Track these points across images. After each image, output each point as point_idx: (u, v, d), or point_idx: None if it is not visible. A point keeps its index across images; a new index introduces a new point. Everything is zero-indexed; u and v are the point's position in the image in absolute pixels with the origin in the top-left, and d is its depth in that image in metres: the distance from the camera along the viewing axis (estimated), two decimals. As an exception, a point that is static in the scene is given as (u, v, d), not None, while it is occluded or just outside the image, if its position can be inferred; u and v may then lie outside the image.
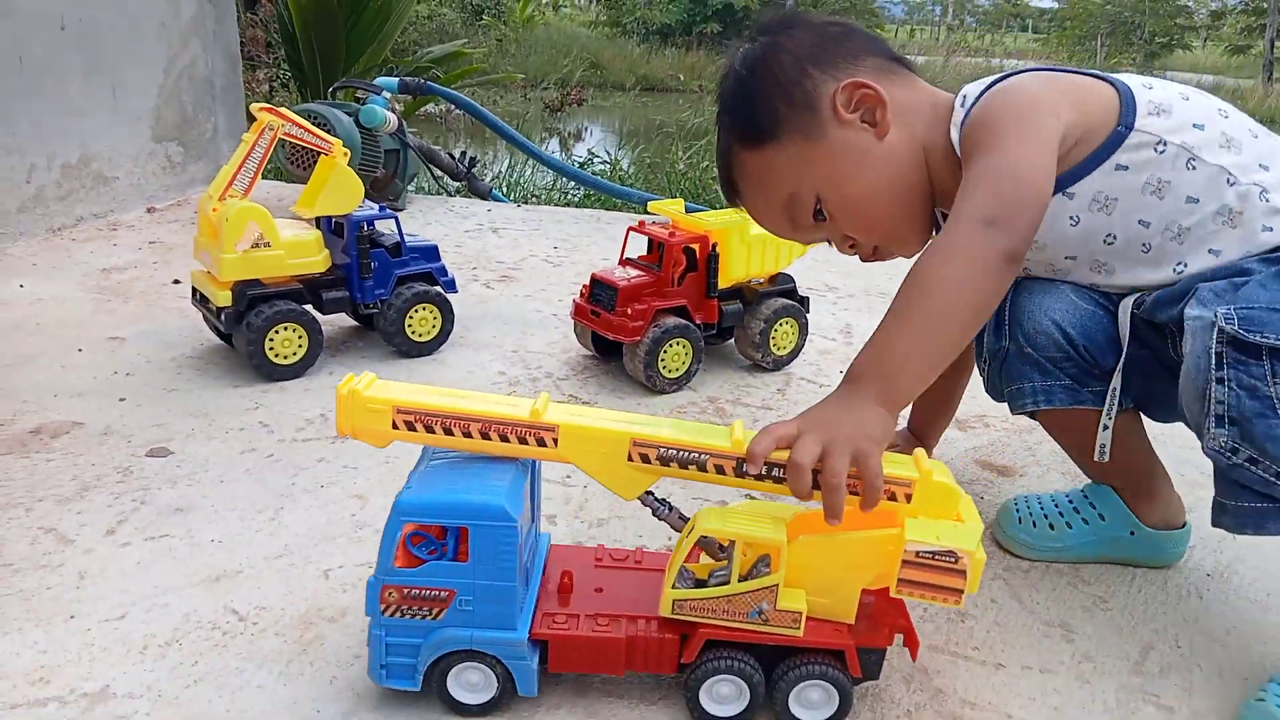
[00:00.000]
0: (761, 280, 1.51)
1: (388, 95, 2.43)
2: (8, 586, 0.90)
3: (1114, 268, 0.88)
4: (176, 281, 1.84)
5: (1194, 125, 0.83)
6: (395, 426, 0.73)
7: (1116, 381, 0.88)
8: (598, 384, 1.45)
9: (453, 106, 3.14)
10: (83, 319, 1.61)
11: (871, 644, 0.75)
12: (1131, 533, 0.99)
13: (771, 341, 1.48)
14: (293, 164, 2.29)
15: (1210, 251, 0.82)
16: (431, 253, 1.55)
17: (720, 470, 0.73)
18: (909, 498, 0.72)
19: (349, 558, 0.97)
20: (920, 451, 0.74)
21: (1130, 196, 0.83)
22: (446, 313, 1.53)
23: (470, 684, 0.74)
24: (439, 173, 2.72)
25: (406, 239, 1.51)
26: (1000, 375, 0.95)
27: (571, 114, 8.25)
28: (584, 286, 1.46)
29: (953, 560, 0.68)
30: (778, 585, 0.72)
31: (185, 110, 2.51)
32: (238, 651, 0.82)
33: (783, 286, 1.52)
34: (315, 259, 1.42)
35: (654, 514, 0.78)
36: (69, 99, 2.12)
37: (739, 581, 0.72)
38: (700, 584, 0.75)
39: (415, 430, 0.73)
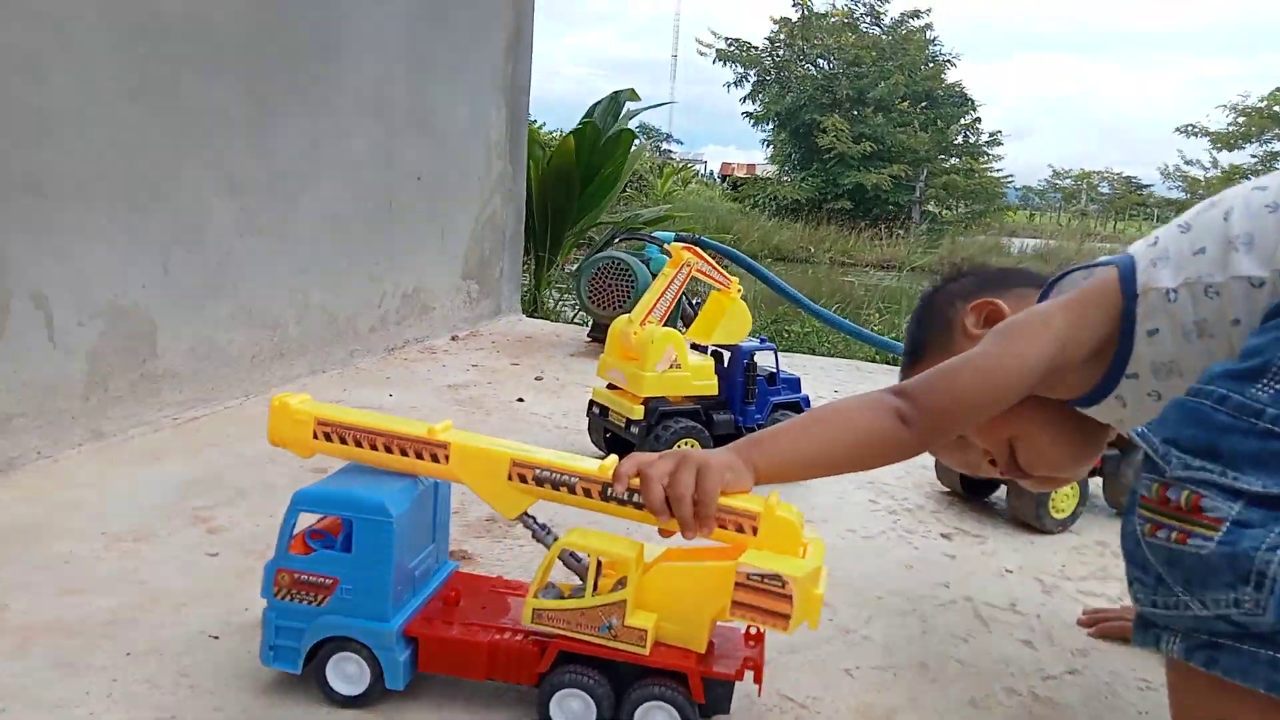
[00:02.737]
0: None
1: (664, 245, 2.63)
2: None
3: None
4: (521, 400, 1.99)
5: (1194, 254, 0.77)
6: (316, 437, 0.83)
7: None
8: (976, 519, 1.47)
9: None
10: (464, 426, 1.75)
11: (719, 675, 0.78)
12: None
13: (1147, 489, 1.49)
14: (592, 301, 2.48)
15: None
16: (796, 384, 1.65)
17: (588, 493, 0.80)
18: (755, 530, 0.76)
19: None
20: (775, 492, 0.79)
21: (1181, 350, 0.78)
22: (812, 441, 1.61)
23: (347, 674, 0.81)
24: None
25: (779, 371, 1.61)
26: None
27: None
28: (957, 423, 1.52)
29: (780, 585, 0.72)
30: (626, 602, 0.77)
31: (484, 253, 2.77)
32: None
33: (1153, 436, 1.53)
34: (710, 383, 1.54)
35: (532, 535, 0.85)
36: (414, 238, 2.39)
37: (593, 596, 0.77)
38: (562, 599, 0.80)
39: (332, 441, 0.83)
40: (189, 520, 1.23)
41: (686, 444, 1.47)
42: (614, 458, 0.82)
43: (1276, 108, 17.64)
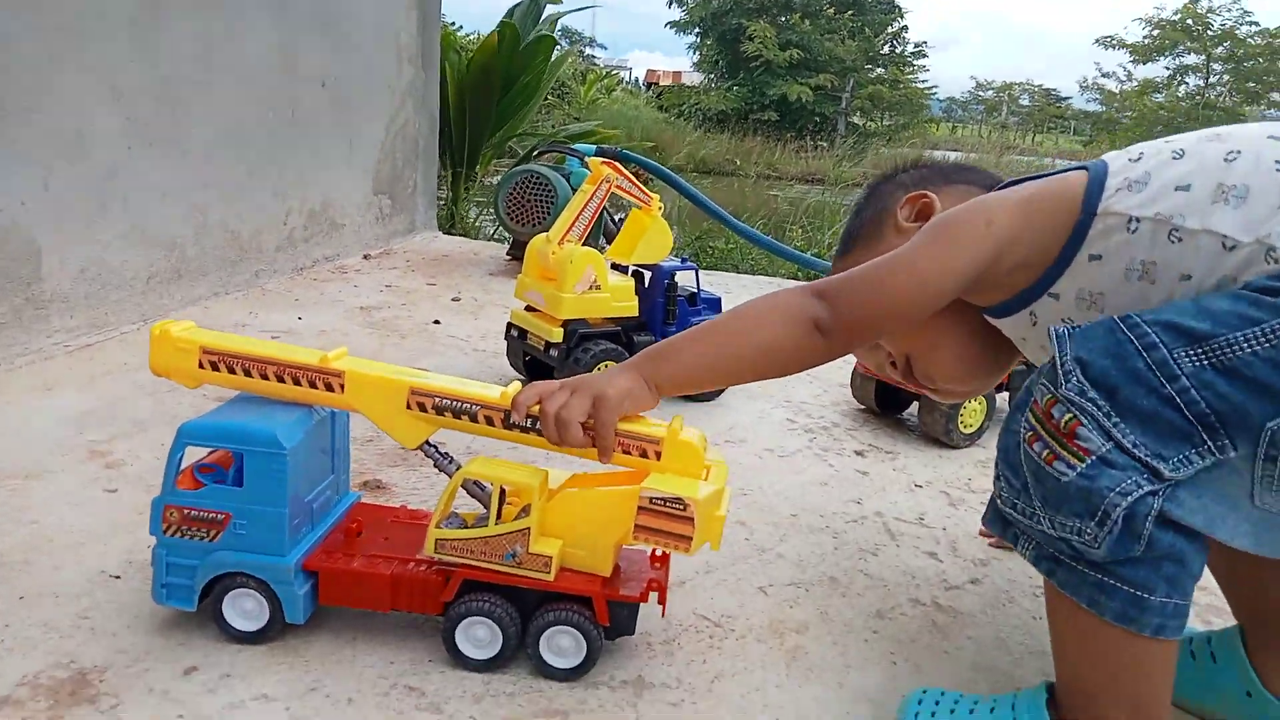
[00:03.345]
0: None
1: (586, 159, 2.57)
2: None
3: None
4: (437, 322, 1.94)
5: (1177, 188, 0.68)
6: (202, 366, 0.80)
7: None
8: (889, 435, 1.51)
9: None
10: (376, 352, 1.71)
11: (623, 598, 0.79)
12: (1248, 694, 0.79)
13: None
14: (510, 217, 2.42)
15: None
16: (718, 304, 1.64)
17: (490, 421, 0.79)
18: (659, 455, 0.77)
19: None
20: (679, 418, 0.80)
21: (1116, 287, 0.71)
22: (732, 361, 1.61)
23: (245, 611, 0.79)
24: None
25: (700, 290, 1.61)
26: None
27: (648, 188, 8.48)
28: (873, 342, 1.54)
29: (681, 508, 0.73)
30: (530, 529, 0.77)
31: (396, 166, 2.66)
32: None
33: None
34: (631, 304, 1.52)
35: (434, 465, 0.83)
36: (320, 150, 2.27)
37: (496, 525, 0.78)
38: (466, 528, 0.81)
39: (219, 371, 0.80)
40: (84, 455, 1.17)
41: (608, 366, 1.46)
42: (516, 385, 0.80)
43: (1189, 21, 17.99)
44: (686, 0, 20.32)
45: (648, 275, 1.58)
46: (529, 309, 1.53)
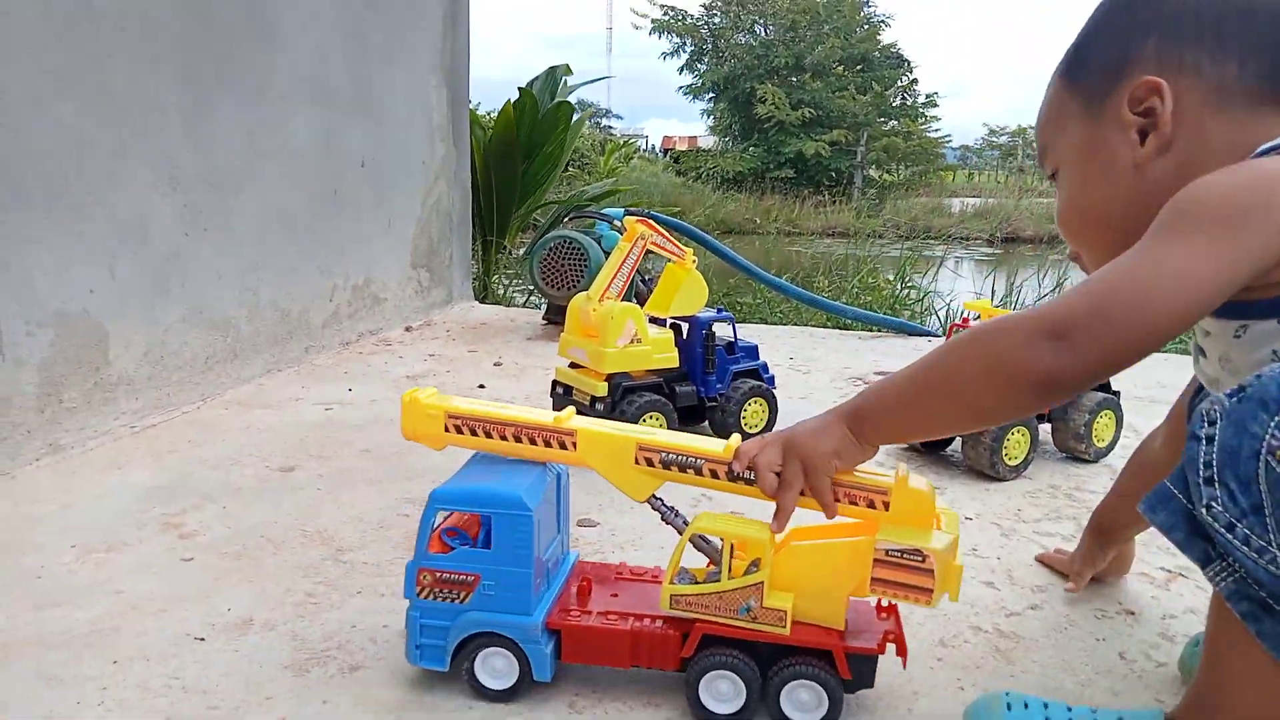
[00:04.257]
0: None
1: (616, 222, 2.65)
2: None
3: None
4: (482, 386, 1.99)
5: None
6: (447, 430, 0.85)
7: None
8: (934, 471, 1.53)
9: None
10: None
11: (862, 649, 0.79)
12: None
13: (1094, 434, 1.55)
14: (545, 282, 2.48)
15: None
16: (754, 351, 1.68)
17: (715, 474, 0.80)
18: (887, 505, 0.76)
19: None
20: (903, 465, 0.79)
21: None
22: (773, 406, 1.64)
23: (495, 670, 0.82)
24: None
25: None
26: None
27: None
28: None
29: (920, 559, 0.72)
30: (763, 583, 0.78)
31: (432, 240, 2.75)
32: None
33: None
34: (671, 355, 1.56)
35: (661, 518, 0.85)
36: (361, 227, 2.36)
37: (729, 579, 0.79)
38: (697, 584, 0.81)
39: (463, 434, 0.85)
40: (158, 527, 1.22)
41: (652, 418, 1.49)
42: (736, 437, 0.82)
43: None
44: (699, 65, 20.84)
45: (685, 327, 1.62)
46: (573, 365, 1.58)
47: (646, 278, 3.00)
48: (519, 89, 4.05)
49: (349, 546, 1.18)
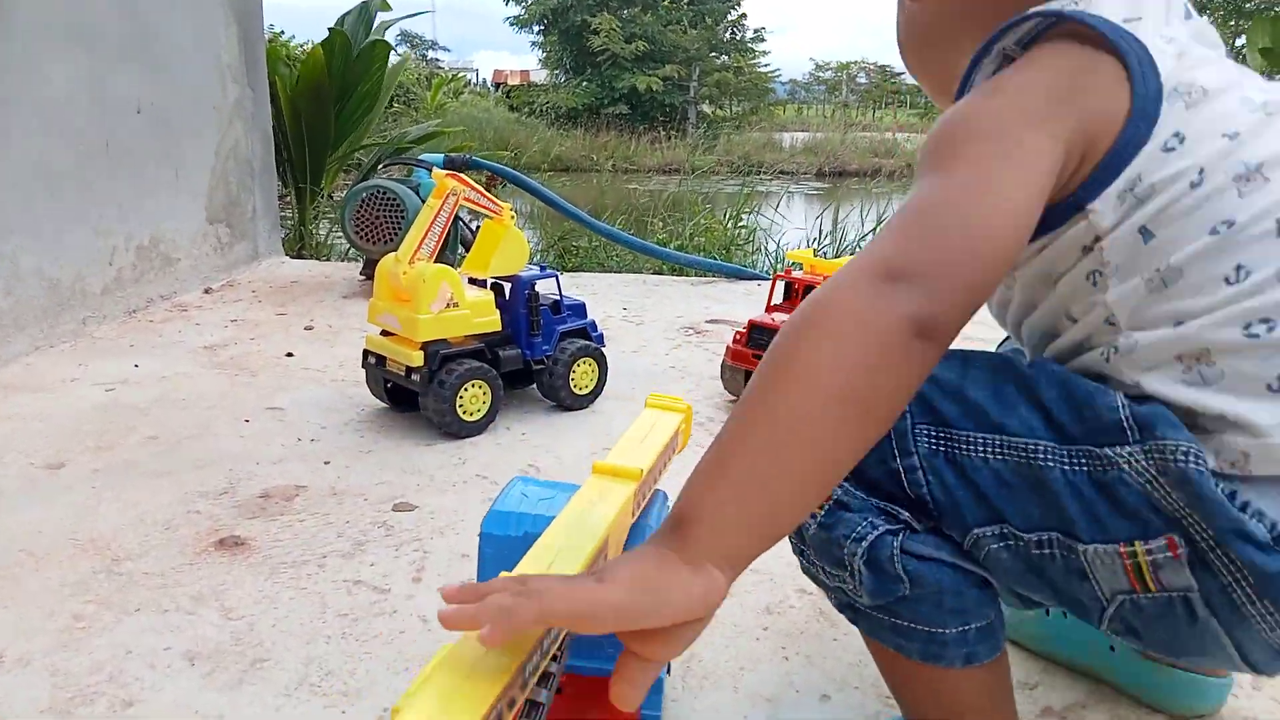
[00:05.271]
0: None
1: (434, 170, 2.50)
2: (364, 633, 0.91)
3: None
4: (290, 354, 1.84)
5: (1224, 135, 0.52)
6: None
7: None
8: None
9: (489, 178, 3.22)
10: (225, 392, 1.60)
11: None
12: (1111, 648, 0.81)
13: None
14: (359, 236, 2.32)
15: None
16: (582, 309, 1.62)
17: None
18: None
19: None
20: None
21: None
22: (603, 366, 1.59)
23: None
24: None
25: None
26: None
27: (500, 194, 8.38)
28: (738, 333, 1.56)
29: None
30: None
31: (231, 191, 2.51)
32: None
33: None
34: (493, 318, 1.48)
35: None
36: (142, 181, 2.11)
37: None
38: None
39: None
40: (-113, 549, 1.04)
41: (475, 385, 1.41)
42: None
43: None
44: (527, -3, 20.19)
45: (508, 287, 1.54)
46: (385, 333, 1.47)
47: (476, 224, 2.87)
48: (329, 29, 3.74)
49: (127, 554, 1.05)
